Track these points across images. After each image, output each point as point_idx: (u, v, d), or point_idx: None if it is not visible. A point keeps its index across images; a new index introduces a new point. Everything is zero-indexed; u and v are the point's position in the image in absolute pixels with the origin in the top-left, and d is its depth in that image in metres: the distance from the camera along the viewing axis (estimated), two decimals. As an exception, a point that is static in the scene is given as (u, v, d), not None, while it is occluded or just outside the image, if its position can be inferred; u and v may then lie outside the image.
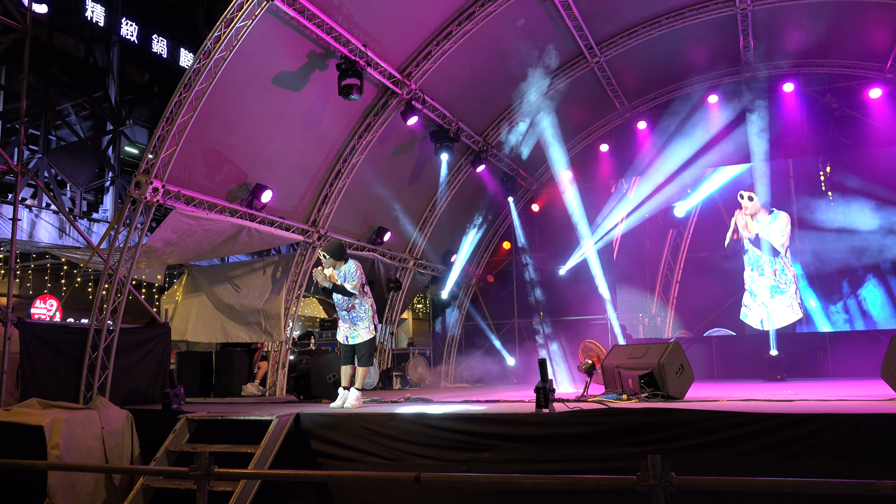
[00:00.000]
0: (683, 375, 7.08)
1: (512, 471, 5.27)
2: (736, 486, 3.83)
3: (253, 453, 6.01)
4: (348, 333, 7.61)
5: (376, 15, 9.94)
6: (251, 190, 9.96)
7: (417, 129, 11.97)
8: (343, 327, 7.68)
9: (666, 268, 14.53)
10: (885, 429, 4.64)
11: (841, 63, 13.62)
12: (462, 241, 15.51)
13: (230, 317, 11.45)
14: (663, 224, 14.69)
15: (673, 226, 14.58)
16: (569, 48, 12.72)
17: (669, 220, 14.64)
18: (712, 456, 4.99)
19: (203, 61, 8.16)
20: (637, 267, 14.85)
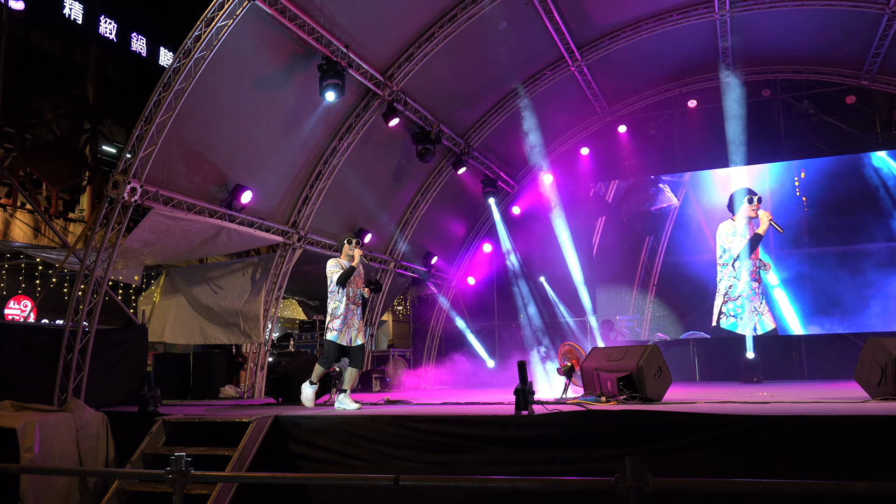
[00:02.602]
0: (661, 378, 7.13)
1: (491, 473, 5.27)
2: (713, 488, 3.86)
3: (230, 456, 5.96)
4: (361, 333, 7.56)
5: (358, 16, 9.92)
6: (231, 190, 9.89)
7: (399, 130, 11.96)
8: (356, 325, 7.57)
9: (643, 271, 14.62)
10: (858, 430, 4.71)
11: (817, 69, 13.82)
12: (443, 242, 15.52)
13: (208, 318, 11.36)
14: (640, 228, 14.79)
15: (650, 230, 14.68)
16: (550, 52, 12.79)
17: (647, 223, 14.75)
18: (690, 458, 5.03)
19: (183, 60, 8.09)
20: (615, 270, 14.94)
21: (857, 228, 13.10)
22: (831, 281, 13.18)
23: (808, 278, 13.46)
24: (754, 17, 12.26)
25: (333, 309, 7.52)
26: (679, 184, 14.51)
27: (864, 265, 13.04)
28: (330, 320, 7.51)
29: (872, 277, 12.95)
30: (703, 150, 14.29)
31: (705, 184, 14.36)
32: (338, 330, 7.43)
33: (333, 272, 7.58)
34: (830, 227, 13.11)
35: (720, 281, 13.47)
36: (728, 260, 13.03)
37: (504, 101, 13.73)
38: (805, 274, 13.50)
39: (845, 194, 13.21)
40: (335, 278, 7.53)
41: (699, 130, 14.43)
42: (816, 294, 13.33)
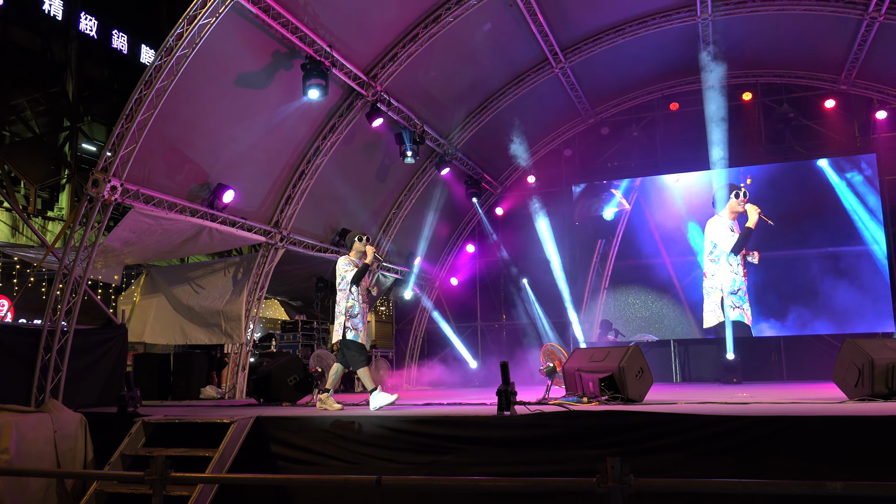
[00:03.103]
0: (643, 379, 7.17)
1: (473, 473, 5.28)
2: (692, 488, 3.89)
3: (211, 457, 5.92)
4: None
5: (342, 16, 9.89)
6: (213, 190, 9.82)
7: (382, 130, 11.94)
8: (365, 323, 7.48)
9: (595, 274, 14.76)
10: (836, 431, 4.76)
11: (797, 73, 13.98)
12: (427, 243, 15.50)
13: (189, 318, 11.27)
14: (594, 231, 14.91)
15: (602, 234, 14.79)
16: (534, 54, 12.83)
17: (600, 226, 14.87)
18: (671, 458, 5.06)
19: (165, 58, 8.02)
20: (575, 272, 15.08)
21: (802, 234, 13.34)
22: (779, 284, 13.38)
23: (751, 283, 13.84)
24: (736, 21, 12.38)
25: (349, 308, 7.26)
26: (630, 189, 14.66)
27: (810, 269, 13.25)
28: (347, 319, 7.23)
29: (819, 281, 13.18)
30: (685, 153, 14.40)
31: (656, 189, 14.55)
32: (357, 329, 7.23)
33: (347, 270, 7.36)
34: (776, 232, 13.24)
35: (713, 276, 13.53)
36: (720, 255, 13.13)
37: (488, 102, 13.75)
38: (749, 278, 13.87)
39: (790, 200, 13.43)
40: (349, 277, 7.31)
41: (681, 133, 14.55)
42: (758, 298, 13.71)
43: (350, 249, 7.61)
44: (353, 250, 7.58)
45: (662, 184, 14.57)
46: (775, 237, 13.41)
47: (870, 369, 6.51)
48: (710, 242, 12.96)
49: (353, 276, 7.30)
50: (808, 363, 13.24)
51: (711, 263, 13.52)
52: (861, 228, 13.26)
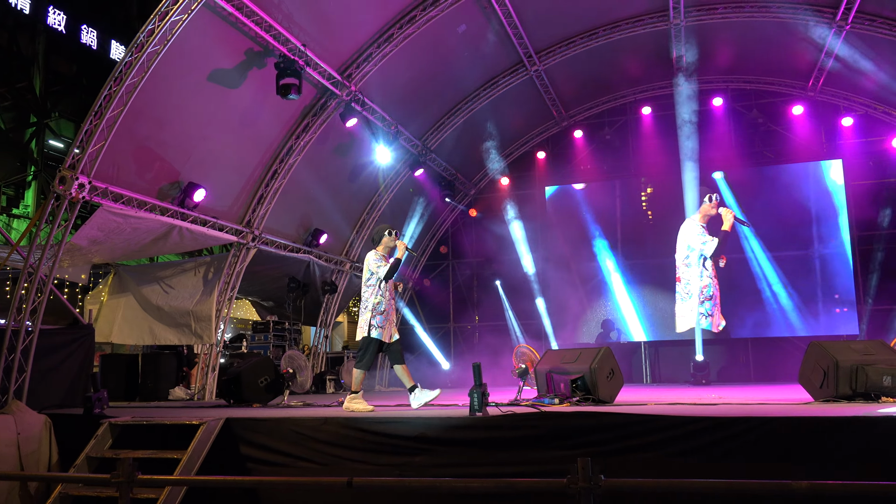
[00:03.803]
0: (614, 380, 7.23)
1: (445, 474, 5.27)
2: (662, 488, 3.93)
3: (179, 459, 5.84)
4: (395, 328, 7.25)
5: (317, 15, 9.84)
6: (183, 188, 9.70)
7: (356, 130, 11.89)
8: (393, 320, 7.28)
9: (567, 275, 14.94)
10: (803, 431, 4.84)
11: (767, 80, 14.21)
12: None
13: (158, 318, 11.12)
14: (567, 233, 15.04)
15: (576, 235, 14.92)
16: (509, 56, 12.88)
17: (573, 228, 15.01)
18: (641, 458, 5.10)
19: (135, 55, 7.91)
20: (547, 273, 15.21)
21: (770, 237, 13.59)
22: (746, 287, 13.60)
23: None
24: (707, 27, 12.54)
25: (376, 304, 7.00)
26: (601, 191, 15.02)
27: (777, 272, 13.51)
28: (372, 316, 6.98)
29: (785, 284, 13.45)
30: (657, 157, 14.55)
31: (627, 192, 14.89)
32: (382, 327, 7.01)
33: (379, 265, 7.08)
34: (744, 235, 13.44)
35: (688, 282, 13.59)
36: (697, 259, 13.22)
37: (463, 104, 13.77)
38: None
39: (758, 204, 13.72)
40: (381, 272, 7.03)
41: (653, 137, 14.70)
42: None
43: (377, 244, 7.27)
44: (382, 245, 7.23)
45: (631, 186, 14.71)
46: (745, 240, 13.61)
47: (834, 371, 6.63)
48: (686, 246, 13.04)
49: (387, 272, 7.02)
50: (775, 364, 13.46)
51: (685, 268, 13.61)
52: (827, 233, 13.52)
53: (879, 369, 6.53)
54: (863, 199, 13.48)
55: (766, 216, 13.72)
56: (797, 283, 13.50)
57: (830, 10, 11.48)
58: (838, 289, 13.35)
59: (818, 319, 13.32)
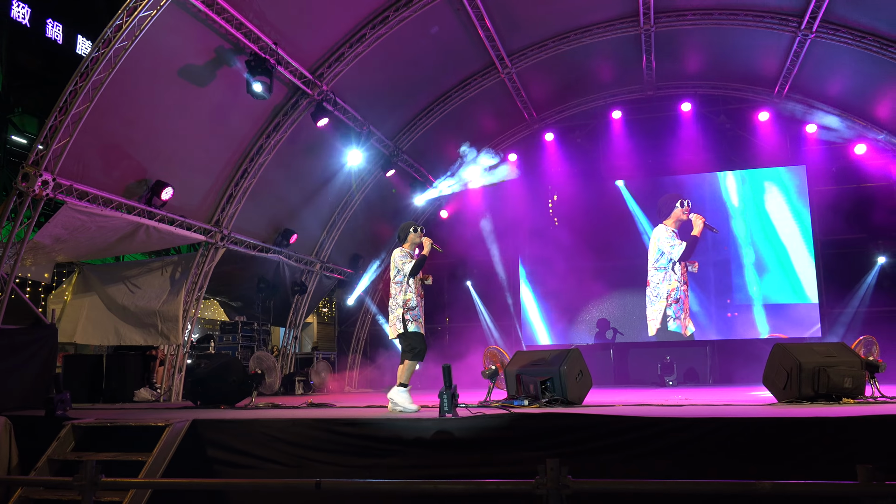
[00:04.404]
0: (582, 381, 7.29)
1: (414, 476, 5.26)
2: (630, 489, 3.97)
3: (144, 461, 5.74)
4: None
5: (289, 13, 9.78)
6: (151, 186, 9.57)
7: (328, 130, 11.83)
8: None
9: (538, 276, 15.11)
10: (766, 432, 4.92)
11: (734, 86, 14.44)
12: (371, 245, 15.43)
13: (124, 318, 10.94)
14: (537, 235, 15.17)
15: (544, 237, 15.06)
16: (481, 58, 12.92)
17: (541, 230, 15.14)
18: (609, 459, 5.14)
19: (102, 50, 7.79)
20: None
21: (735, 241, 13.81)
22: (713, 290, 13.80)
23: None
24: (677, 33, 12.71)
25: (407, 301, 6.98)
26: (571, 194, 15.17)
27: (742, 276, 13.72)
28: (404, 312, 6.95)
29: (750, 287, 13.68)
30: (627, 160, 14.70)
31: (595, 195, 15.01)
32: (418, 320, 6.99)
33: (405, 262, 7.05)
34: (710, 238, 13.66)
35: (658, 285, 13.73)
36: (666, 263, 13.34)
37: (434, 105, 13.77)
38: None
39: (724, 208, 13.98)
40: (407, 269, 7.02)
41: (623, 141, 14.85)
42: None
43: (404, 241, 7.26)
44: (408, 241, 7.24)
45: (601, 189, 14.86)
46: (711, 243, 13.81)
47: (797, 372, 6.76)
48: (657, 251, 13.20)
49: (412, 268, 7.00)
50: (741, 366, 13.68)
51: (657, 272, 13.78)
52: (790, 237, 13.78)
53: (840, 371, 6.68)
54: (826, 205, 13.76)
55: (731, 219, 13.94)
56: (762, 285, 13.74)
57: (796, 18, 11.71)
58: (802, 292, 13.62)
59: (782, 322, 13.57)
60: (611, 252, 14.47)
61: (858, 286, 13.33)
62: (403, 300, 6.99)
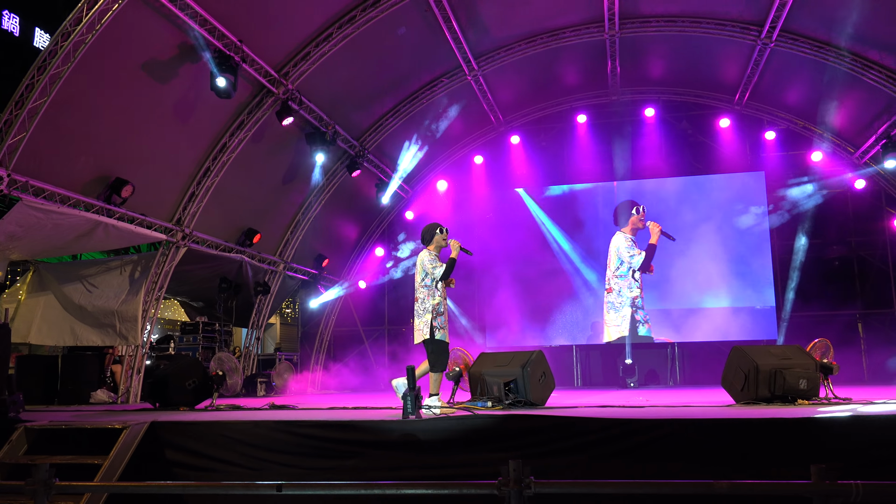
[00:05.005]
0: (545, 383, 7.34)
1: (377, 478, 5.24)
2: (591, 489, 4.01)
3: (100, 464, 5.62)
4: None
5: (254, 11, 9.68)
6: (110, 184, 9.38)
7: (293, 130, 11.74)
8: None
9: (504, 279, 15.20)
10: (724, 433, 5.01)
11: (696, 93, 14.69)
12: (335, 245, 15.34)
13: (80, 318, 10.69)
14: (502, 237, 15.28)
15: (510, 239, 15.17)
16: (448, 60, 12.94)
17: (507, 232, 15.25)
18: (572, 460, 5.18)
19: (61, 43, 7.62)
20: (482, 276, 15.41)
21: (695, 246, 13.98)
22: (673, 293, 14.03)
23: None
24: (641, 40, 12.89)
25: (435, 305, 6.78)
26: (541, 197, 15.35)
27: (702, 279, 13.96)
28: (433, 318, 6.75)
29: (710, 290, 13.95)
30: (591, 164, 14.86)
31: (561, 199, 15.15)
32: (444, 328, 6.80)
33: (434, 266, 6.83)
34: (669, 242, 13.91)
35: (622, 292, 13.85)
36: (626, 271, 13.48)
37: (401, 106, 13.76)
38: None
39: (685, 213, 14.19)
40: (438, 273, 6.79)
41: (588, 145, 15.00)
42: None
43: (429, 242, 7.02)
44: (433, 243, 6.99)
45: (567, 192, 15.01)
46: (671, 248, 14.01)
47: (755, 374, 6.90)
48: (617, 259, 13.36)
49: (443, 273, 6.79)
50: (700, 368, 13.94)
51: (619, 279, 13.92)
52: (749, 242, 14.06)
53: (796, 373, 6.84)
54: (783, 210, 14.07)
55: (690, 224, 14.15)
56: (721, 288, 13.99)
57: (756, 27, 11.97)
58: (759, 295, 13.90)
59: (740, 325, 13.84)
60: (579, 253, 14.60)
61: (815, 290, 13.65)
62: (433, 305, 6.81)
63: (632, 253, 12.37)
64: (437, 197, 15.68)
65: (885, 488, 2.95)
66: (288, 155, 12.50)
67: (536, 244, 14.92)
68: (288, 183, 13.06)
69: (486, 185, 15.69)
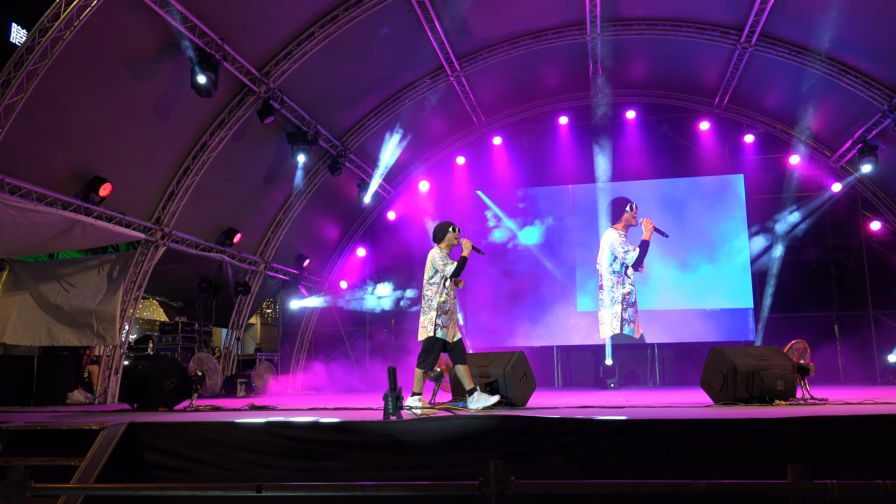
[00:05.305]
0: (526, 383, 7.36)
1: (358, 479, 5.22)
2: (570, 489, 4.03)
3: (77, 466, 5.55)
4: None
5: (236, 9, 9.62)
6: (88, 182, 9.27)
7: (274, 129, 11.67)
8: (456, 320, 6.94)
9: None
10: (702, 433, 5.06)
11: (677, 95, 14.81)
12: (317, 245, 15.27)
13: (57, 318, 10.56)
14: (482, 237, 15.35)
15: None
16: (431, 60, 12.93)
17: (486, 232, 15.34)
18: (552, 460, 5.20)
19: (38, 39, 7.52)
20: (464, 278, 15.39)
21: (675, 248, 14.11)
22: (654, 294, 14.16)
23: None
24: (622, 42, 12.97)
25: (441, 303, 6.72)
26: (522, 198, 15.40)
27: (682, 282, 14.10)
28: (437, 315, 6.70)
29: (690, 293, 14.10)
30: (573, 166, 14.92)
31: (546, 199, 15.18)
32: (446, 326, 6.73)
33: (445, 263, 6.78)
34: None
35: (612, 288, 13.90)
36: (619, 268, 13.54)
37: (383, 106, 13.73)
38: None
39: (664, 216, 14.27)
40: (448, 271, 6.74)
41: (569, 146, 15.07)
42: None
43: (440, 240, 6.98)
44: (445, 241, 6.95)
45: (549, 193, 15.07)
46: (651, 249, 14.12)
47: (733, 375, 6.97)
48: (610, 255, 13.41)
49: (454, 271, 6.75)
50: (679, 369, 14.06)
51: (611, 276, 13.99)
52: (727, 244, 14.20)
53: (773, 374, 6.92)
54: (762, 213, 14.23)
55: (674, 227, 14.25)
56: (699, 290, 14.11)
57: (736, 32, 12.09)
58: (738, 297, 14.04)
59: (719, 326, 13.97)
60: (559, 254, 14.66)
61: (792, 292, 13.81)
62: (439, 302, 6.76)
63: (626, 249, 12.46)
64: (419, 197, 15.67)
65: (861, 487, 2.99)
66: (269, 154, 12.43)
67: (516, 245, 14.94)
68: (269, 182, 12.98)
69: (468, 185, 15.70)
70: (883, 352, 13.20)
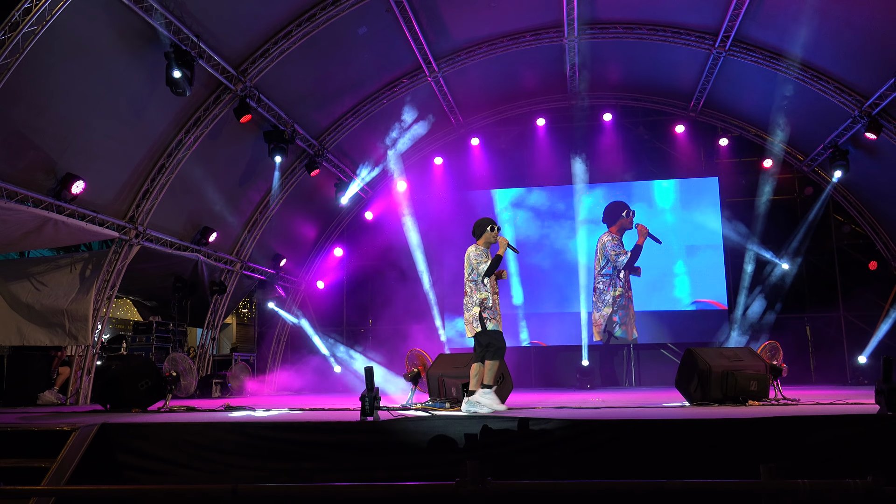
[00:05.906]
0: (504, 384, 7.38)
1: (334, 480, 5.20)
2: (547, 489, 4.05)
3: (48, 468, 5.46)
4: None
5: (212, 6, 9.53)
6: (60, 179, 9.13)
7: (251, 128, 11.58)
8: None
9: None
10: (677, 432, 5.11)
11: (653, 99, 14.95)
12: (293, 245, 15.18)
13: (28, 317, 10.38)
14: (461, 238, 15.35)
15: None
16: (409, 61, 12.92)
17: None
18: (529, 460, 5.22)
19: (9, 34, 7.39)
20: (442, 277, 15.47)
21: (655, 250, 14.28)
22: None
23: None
24: (599, 45, 13.05)
25: (483, 300, 6.70)
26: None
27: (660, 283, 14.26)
28: (481, 311, 6.66)
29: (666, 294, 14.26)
30: (549, 167, 15.00)
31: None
32: (495, 318, 6.70)
33: (479, 262, 6.77)
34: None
35: (604, 292, 14.01)
36: (612, 271, 13.64)
37: (361, 105, 13.69)
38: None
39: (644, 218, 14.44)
40: (482, 269, 6.74)
41: (546, 148, 15.14)
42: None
43: (478, 238, 6.96)
44: (482, 239, 6.93)
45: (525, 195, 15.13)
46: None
47: (707, 376, 7.06)
48: (602, 258, 13.53)
49: (488, 269, 6.74)
50: (654, 370, 14.19)
51: (602, 279, 14.11)
52: (702, 246, 14.37)
53: (746, 375, 7.02)
54: (736, 216, 14.41)
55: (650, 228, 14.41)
56: (675, 291, 14.27)
57: (711, 36, 12.23)
58: (712, 298, 14.20)
59: (694, 327, 14.12)
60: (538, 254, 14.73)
61: (765, 293, 14.00)
62: (480, 299, 6.72)
63: (617, 252, 12.60)
64: (396, 197, 15.64)
65: (831, 486, 3.04)
66: (246, 153, 12.33)
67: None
68: (246, 181, 12.88)
69: (445, 186, 15.71)
70: (853, 353, 13.43)
